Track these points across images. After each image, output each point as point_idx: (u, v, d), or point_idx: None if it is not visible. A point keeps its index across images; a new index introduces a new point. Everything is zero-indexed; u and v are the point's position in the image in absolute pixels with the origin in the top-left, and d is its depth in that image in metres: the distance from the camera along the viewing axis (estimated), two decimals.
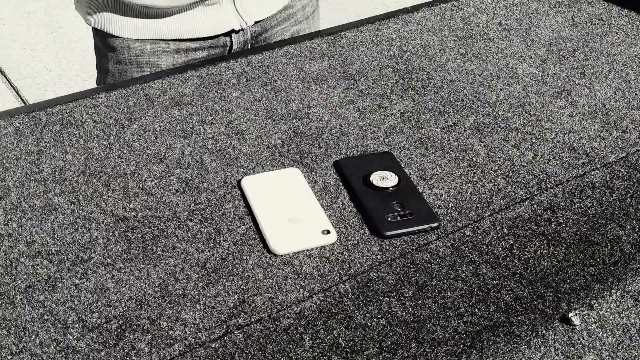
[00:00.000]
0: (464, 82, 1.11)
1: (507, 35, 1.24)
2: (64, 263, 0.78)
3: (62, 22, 3.31)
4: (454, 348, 0.70)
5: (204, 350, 0.70)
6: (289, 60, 1.15)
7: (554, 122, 1.03)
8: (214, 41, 1.21)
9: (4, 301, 0.74)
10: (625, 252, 0.82)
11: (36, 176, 0.90)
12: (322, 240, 0.81)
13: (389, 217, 0.84)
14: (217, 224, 0.84)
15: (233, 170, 0.92)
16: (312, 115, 1.03)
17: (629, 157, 0.97)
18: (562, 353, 0.70)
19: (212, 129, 0.99)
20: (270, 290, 0.76)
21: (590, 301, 0.76)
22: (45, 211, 0.85)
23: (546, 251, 0.82)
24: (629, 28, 1.27)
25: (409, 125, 1.01)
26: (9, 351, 0.69)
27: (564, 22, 1.28)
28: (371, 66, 1.14)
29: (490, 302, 0.75)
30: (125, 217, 0.85)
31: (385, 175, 0.90)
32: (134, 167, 0.92)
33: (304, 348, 0.70)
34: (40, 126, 0.99)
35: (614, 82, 1.12)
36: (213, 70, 1.12)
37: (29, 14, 3.39)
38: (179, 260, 0.79)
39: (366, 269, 0.79)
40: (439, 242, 0.83)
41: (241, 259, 0.80)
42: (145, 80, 1.09)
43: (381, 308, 0.74)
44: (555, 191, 0.91)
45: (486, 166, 0.94)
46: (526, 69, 1.14)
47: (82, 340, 0.70)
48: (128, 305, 0.74)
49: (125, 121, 1.00)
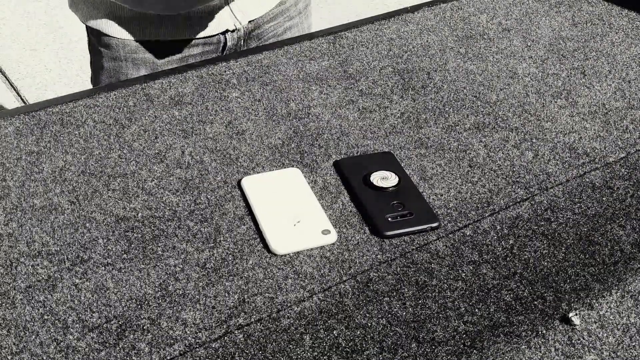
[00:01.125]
0: (464, 82, 1.11)
1: (507, 35, 1.24)
2: (64, 263, 0.78)
3: (62, 22, 3.31)
4: (454, 348, 0.70)
5: (204, 350, 0.70)
6: (289, 60, 1.15)
7: (554, 122, 1.03)
8: (208, 39, 1.22)
9: (4, 301, 0.74)
10: (625, 252, 0.82)
11: (36, 176, 0.90)
12: (322, 240, 0.81)
13: (389, 217, 0.84)
14: (217, 224, 0.84)
15: (233, 170, 0.92)
16: (312, 115, 1.03)
17: (629, 157, 0.97)
18: (562, 353, 0.70)
19: (212, 129, 0.99)
20: (270, 290, 0.76)
21: (591, 301, 0.76)
22: (45, 211, 0.85)
23: (546, 251, 0.82)
24: (629, 28, 1.27)
25: (409, 125, 1.01)
26: (9, 351, 0.69)
27: (564, 22, 1.28)
28: (371, 66, 1.14)
29: (490, 302, 0.75)
30: (125, 217, 0.85)
31: (385, 175, 0.90)
32: (134, 167, 0.92)
33: (304, 348, 0.70)
34: (40, 126, 0.99)
35: (614, 82, 1.12)
36: (213, 70, 1.12)
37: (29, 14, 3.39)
38: (179, 260, 0.79)
39: (366, 269, 0.79)
40: (439, 242, 0.83)
41: (241, 259, 0.80)
42: (145, 80, 1.09)
43: (381, 308, 0.74)
44: (555, 191, 0.91)
45: (486, 166, 0.94)
46: (526, 69, 1.14)
47: (82, 340, 0.70)
48: (128, 305, 0.74)
49: (125, 121, 1.00)
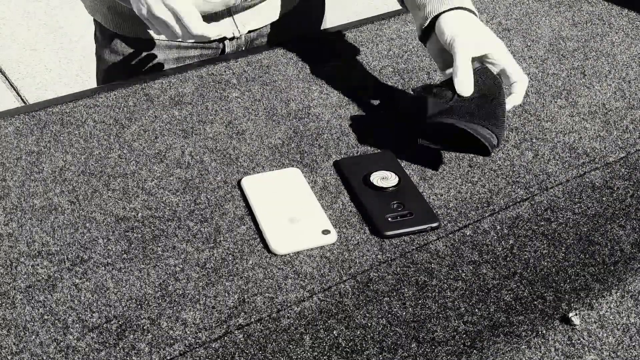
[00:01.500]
0: None
1: (507, 35, 1.24)
2: (64, 263, 0.78)
3: (62, 22, 3.31)
4: (454, 348, 0.70)
5: (204, 350, 0.70)
6: (289, 60, 1.15)
7: (554, 122, 1.03)
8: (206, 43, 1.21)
9: (4, 301, 0.74)
10: (625, 252, 0.82)
11: (36, 176, 0.90)
12: (322, 240, 0.81)
13: (389, 217, 0.84)
14: (217, 224, 0.84)
15: (233, 170, 0.92)
16: (312, 115, 1.03)
17: (629, 157, 0.97)
18: (562, 353, 0.70)
19: (212, 129, 0.99)
20: (270, 290, 0.76)
21: (590, 301, 0.76)
22: (45, 211, 0.85)
23: (546, 251, 0.82)
24: (629, 28, 1.27)
25: (409, 125, 1.01)
26: (9, 351, 0.69)
27: (564, 22, 1.28)
28: (371, 66, 1.14)
29: (490, 302, 0.75)
30: (125, 217, 0.85)
31: (385, 175, 0.90)
32: (134, 167, 0.92)
33: (304, 348, 0.70)
34: (40, 126, 0.99)
35: (614, 82, 1.12)
36: (213, 70, 1.12)
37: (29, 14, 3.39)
38: (179, 260, 0.79)
39: (366, 269, 0.79)
40: (439, 242, 0.83)
41: (241, 259, 0.80)
42: (145, 80, 1.09)
43: (381, 308, 0.74)
44: (555, 191, 0.91)
45: (486, 166, 0.94)
46: (526, 69, 1.14)
47: (82, 340, 0.70)
48: (128, 305, 0.74)
49: (125, 121, 1.00)
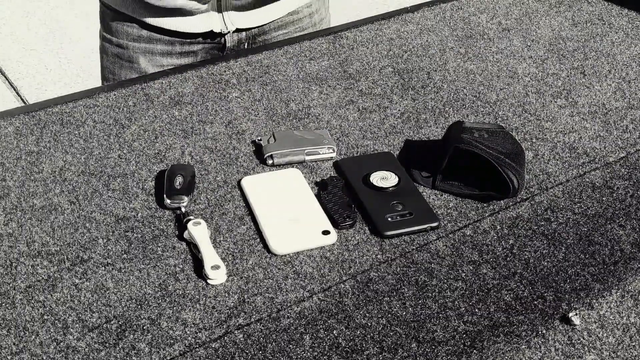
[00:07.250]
0: (464, 82, 1.11)
1: (507, 35, 1.24)
2: (64, 263, 0.78)
3: (62, 22, 3.31)
4: (454, 348, 0.70)
5: (204, 350, 0.70)
6: (289, 60, 1.15)
7: (554, 122, 1.03)
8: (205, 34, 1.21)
9: (4, 301, 0.74)
10: (625, 252, 0.82)
11: (36, 176, 0.90)
12: (322, 240, 0.81)
13: (389, 217, 0.84)
14: (217, 224, 0.84)
15: (233, 170, 0.92)
16: (312, 115, 1.03)
17: (629, 157, 0.97)
18: (562, 353, 0.70)
19: (212, 129, 0.99)
20: (270, 290, 0.76)
21: (590, 301, 0.76)
22: (45, 211, 0.85)
23: (546, 251, 0.82)
24: (629, 28, 1.27)
25: (409, 125, 1.01)
26: (9, 351, 0.69)
27: (564, 22, 1.28)
28: (371, 66, 1.14)
29: (490, 302, 0.75)
30: (125, 217, 0.85)
31: (385, 175, 0.90)
32: (134, 167, 0.92)
33: (304, 348, 0.70)
34: (40, 126, 0.99)
35: (614, 82, 1.12)
36: (213, 70, 1.12)
37: (29, 14, 3.39)
38: (179, 260, 0.79)
39: (366, 269, 0.79)
40: (439, 242, 0.83)
41: (241, 259, 0.79)
42: (145, 80, 1.09)
43: (381, 308, 0.74)
44: (555, 191, 0.91)
45: None
46: (526, 69, 1.14)
47: (82, 340, 0.70)
48: (128, 305, 0.74)
49: (125, 121, 1.00)
